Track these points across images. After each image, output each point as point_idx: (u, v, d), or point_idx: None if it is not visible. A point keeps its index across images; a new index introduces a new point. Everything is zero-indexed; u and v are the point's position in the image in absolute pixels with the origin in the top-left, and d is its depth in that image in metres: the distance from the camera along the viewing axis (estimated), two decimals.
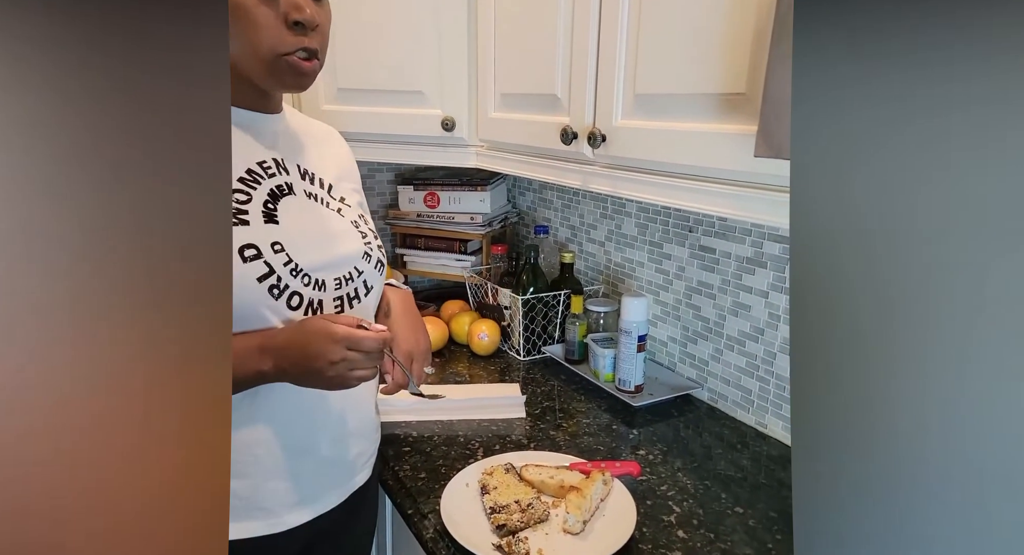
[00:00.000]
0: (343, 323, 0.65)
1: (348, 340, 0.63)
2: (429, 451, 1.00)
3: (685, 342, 1.22)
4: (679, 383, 1.21)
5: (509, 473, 0.89)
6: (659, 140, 0.81)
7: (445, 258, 1.62)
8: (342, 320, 0.65)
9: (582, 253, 1.48)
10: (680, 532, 0.82)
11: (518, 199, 1.72)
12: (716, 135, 0.73)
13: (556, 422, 1.10)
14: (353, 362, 0.64)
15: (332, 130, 0.90)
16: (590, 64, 0.90)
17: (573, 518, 0.79)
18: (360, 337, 0.64)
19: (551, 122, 0.99)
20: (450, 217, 1.59)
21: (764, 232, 1.04)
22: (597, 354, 1.21)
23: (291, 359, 0.65)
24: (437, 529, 0.81)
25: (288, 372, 0.66)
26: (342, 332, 0.63)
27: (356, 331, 0.64)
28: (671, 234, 1.22)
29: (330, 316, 0.67)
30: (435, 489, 0.89)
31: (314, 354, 0.63)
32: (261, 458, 0.71)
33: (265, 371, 0.66)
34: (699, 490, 0.91)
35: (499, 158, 1.18)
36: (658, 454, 1.00)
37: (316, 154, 0.81)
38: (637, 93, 0.83)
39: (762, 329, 1.07)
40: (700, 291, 1.18)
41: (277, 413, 0.71)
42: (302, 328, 0.66)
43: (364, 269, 0.77)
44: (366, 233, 0.80)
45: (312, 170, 0.78)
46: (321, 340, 0.63)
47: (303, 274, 0.70)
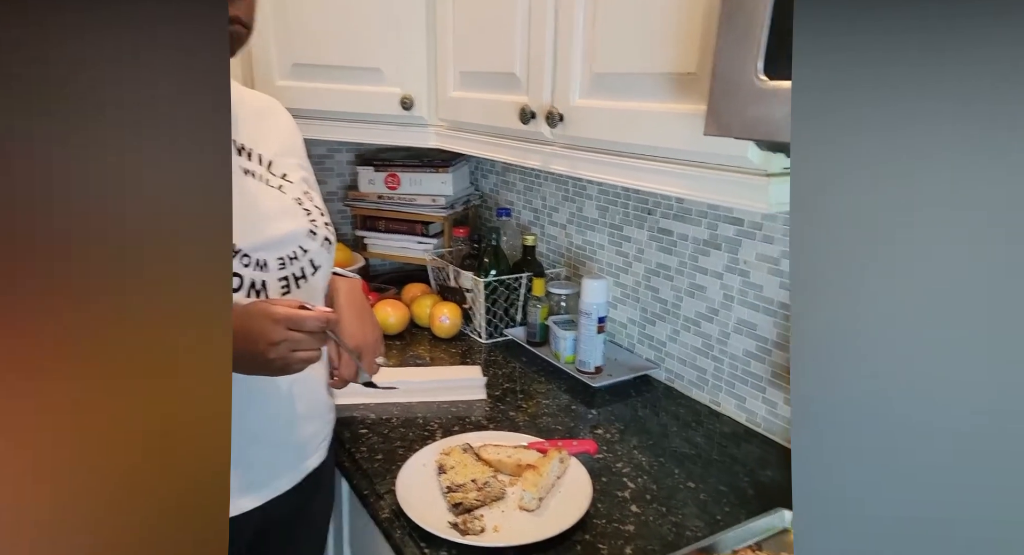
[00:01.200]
0: (284, 304, 0.64)
1: (289, 320, 0.62)
2: (387, 433, 0.99)
3: (644, 323, 1.24)
4: (638, 364, 1.22)
5: (467, 453, 0.89)
6: (616, 120, 0.81)
7: (406, 241, 1.60)
8: (283, 302, 0.64)
9: (544, 236, 1.49)
10: (633, 507, 0.83)
11: (481, 181, 1.71)
12: (670, 115, 0.73)
13: (516, 403, 1.10)
14: (295, 342, 0.63)
15: (274, 102, 0.86)
16: (548, 42, 0.89)
17: (529, 495, 0.80)
18: (301, 317, 0.63)
19: (510, 101, 0.99)
20: (411, 199, 1.57)
21: (719, 214, 1.06)
22: (558, 336, 1.22)
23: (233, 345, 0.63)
24: (393, 509, 0.81)
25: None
26: (282, 312, 0.62)
27: (297, 311, 0.63)
28: (631, 217, 1.23)
29: (272, 300, 0.66)
30: (392, 470, 0.88)
31: (254, 336, 0.62)
32: None
33: None
34: (653, 467, 0.93)
35: (459, 138, 1.16)
36: (615, 433, 1.01)
37: (254, 128, 0.78)
38: (594, 72, 0.83)
39: (716, 310, 1.09)
40: (659, 273, 1.19)
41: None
42: (243, 312, 0.64)
43: (309, 247, 0.75)
44: (311, 210, 0.78)
45: (249, 146, 0.75)
46: (261, 321, 0.62)
47: (241, 254, 0.68)
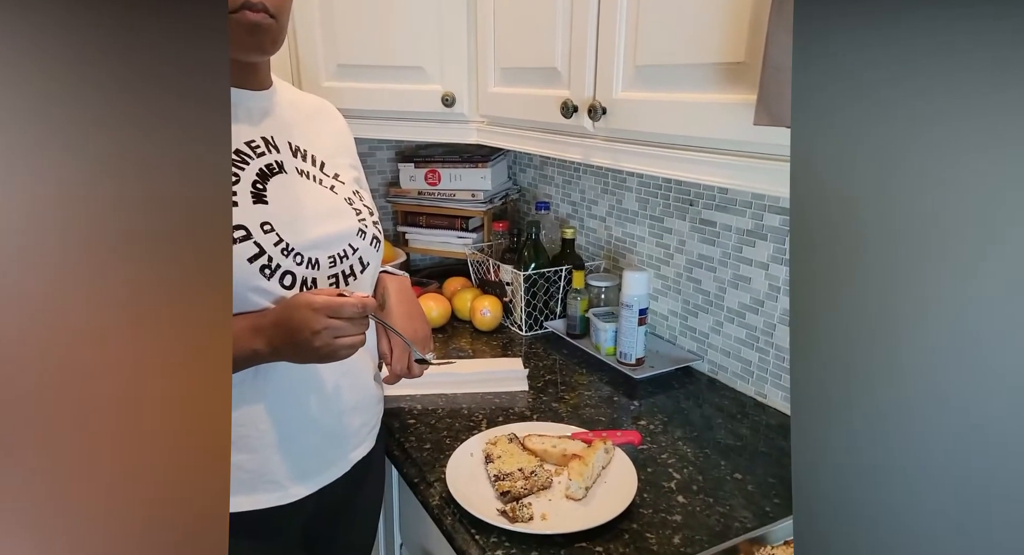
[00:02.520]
0: (323, 293, 0.67)
1: (328, 308, 0.65)
2: (433, 423, 1.02)
3: (686, 315, 1.24)
4: (679, 355, 1.22)
5: (512, 443, 0.91)
6: (659, 111, 0.81)
7: (447, 235, 1.62)
8: (322, 292, 0.67)
9: (583, 228, 1.49)
10: (680, 497, 0.84)
11: (519, 175, 1.72)
12: (716, 105, 0.73)
13: (558, 394, 1.11)
14: (337, 329, 0.65)
15: (326, 103, 0.88)
16: (590, 36, 0.90)
17: (576, 484, 0.81)
18: (340, 303, 0.65)
19: (551, 95, 0.99)
20: (451, 194, 1.59)
21: (764, 204, 1.04)
22: (598, 328, 1.23)
23: (281, 336, 0.66)
24: (443, 497, 0.84)
25: (280, 350, 0.67)
26: (321, 301, 0.65)
27: (335, 298, 0.65)
28: (672, 208, 1.23)
29: (313, 290, 0.69)
30: (440, 459, 0.91)
31: (297, 326, 0.65)
32: (266, 433, 0.73)
33: (259, 350, 0.67)
34: (699, 458, 0.93)
35: (500, 133, 1.18)
36: (659, 424, 1.02)
37: (308, 130, 0.80)
38: (637, 65, 0.83)
39: (762, 301, 1.08)
40: (700, 264, 1.18)
41: (278, 390, 0.73)
42: (286, 304, 0.67)
43: (359, 246, 0.78)
44: (360, 210, 0.80)
45: (304, 147, 0.78)
46: (302, 311, 0.65)
47: (295, 253, 0.70)
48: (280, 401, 0.73)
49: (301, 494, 0.77)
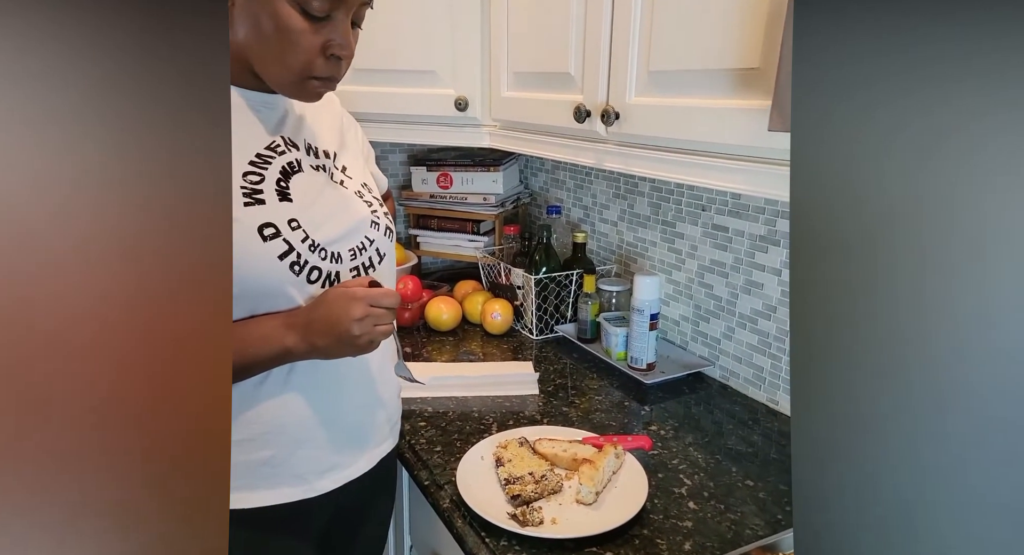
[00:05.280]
0: (357, 283, 0.70)
1: (369, 297, 0.68)
2: (444, 426, 1.02)
3: (697, 320, 1.23)
4: (691, 361, 1.21)
5: (523, 446, 0.91)
6: (673, 117, 0.81)
7: (458, 238, 1.63)
8: (354, 283, 0.71)
9: (594, 233, 1.49)
10: (691, 504, 0.83)
11: (530, 179, 1.72)
12: (730, 111, 0.73)
13: (569, 399, 1.11)
14: (376, 317, 0.68)
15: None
16: (603, 41, 0.90)
17: (586, 489, 0.81)
18: (380, 293, 0.69)
19: (564, 100, 1.00)
20: (463, 198, 1.60)
21: (777, 210, 1.04)
22: (609, 333, 1.23)
23: (319, 331, 0.67)
24: (453, 499, 0.84)
25: (318, 345, 0.68)
26: (361, 291, 0.68)
27: (374, 289, 0.69)
28: (684, 213, 1.23)
29: (344, 282, 0.72)
30: (451, 462, 0.91)
31: (337, 317, 0.67)
32: (292, 427, 0.74)
33: (291, 347, 0.68)
34: (710, 464, 0.92)
35: (512, 138, 1.18)
36: (670, 430, 1.01)
37: (317, 125, 0.82)
38: (651, 70, 0.83)
39: (774, 307, 1.07)
40: (713, 270, 1.18)
41: (305, 384, 0.74)
42: (322, 299, 0.69)
43: (375, 237, 0.79)
44: (371, 201, 0.81)
45: (315, 143, 0.79)
46: (342, 302, 0.67)
47: (320, 249, 0.72)
48: (309, 395, 0.75)
49: (326, 488, 0.78)
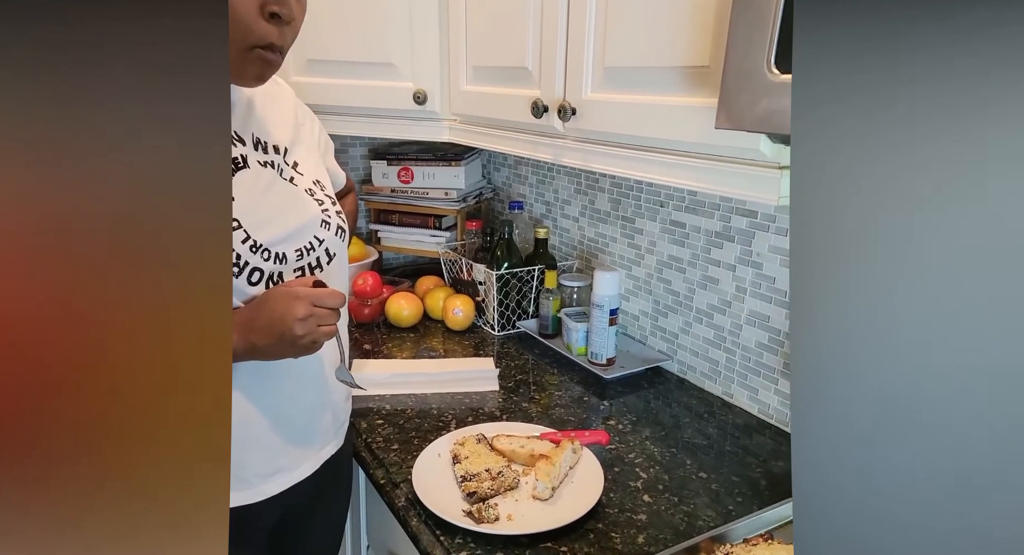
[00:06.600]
0: (301, 283, 0.68)
1: (312, 297, 0.66)
2: (402, 423, 1.01)
3: (656, 315, 1.25)
4: (650, 356, 1.23)
5: (480, 443, 0.91)
6: (628, 113, 0.81)
7: (419, 234, 1.61)
8: (298, 283, 0.69)
9: (556, 228, 1.49)
10: (646, 497, 0.84)
11: (493, 175, 1.71)
12: (683, 108, 0.73)
13: (529, 395, 1.11)
14: (320, 317, 0.66)
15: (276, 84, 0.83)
16: (560, 36, 0.90)
17: (542, 485, 0.81)
18: (324, 293, 0.67)
19: (522, 95, 0.99)
20: (424, 193, 1.58)
21: (732, 207, 1.06)
22: (570, 328, 1.23)
23: (259, 330, 0.65)
24: (409, 498, 0.83)
25: (258, 345, 0.66)
26: (304, 290, 0.66)
27: (317, 289, 0.67)
28: (643, 209, 1.24)
29: (288, 282, 0.70)
30: (407, 460, 0.90)
31: (279, 317, 0.65)
32: (236, 429, 0.72)
33: (233, 349, 0.66)
34: (666, 457, 0.93)
35: (472, 132, 1.17)
36: (627, 424, 1.02)
37: (268, 119, 0.78)
38: (606, 66, 0.83)
39: (729, 302, 1.09)
40: (671, 265, 1.19)
41: (249, 385, 0.72)
42: (264, 298, 0.67)
43: (324, 237, 0.77)
44: (323, 200, 0.79)
45: (264, 138, 0.76)
46: (285, 301, 0.65)
47: (262, 249, 0.70)
48: (253, 397, 0.72)
49: (271, 492, 0.76)
